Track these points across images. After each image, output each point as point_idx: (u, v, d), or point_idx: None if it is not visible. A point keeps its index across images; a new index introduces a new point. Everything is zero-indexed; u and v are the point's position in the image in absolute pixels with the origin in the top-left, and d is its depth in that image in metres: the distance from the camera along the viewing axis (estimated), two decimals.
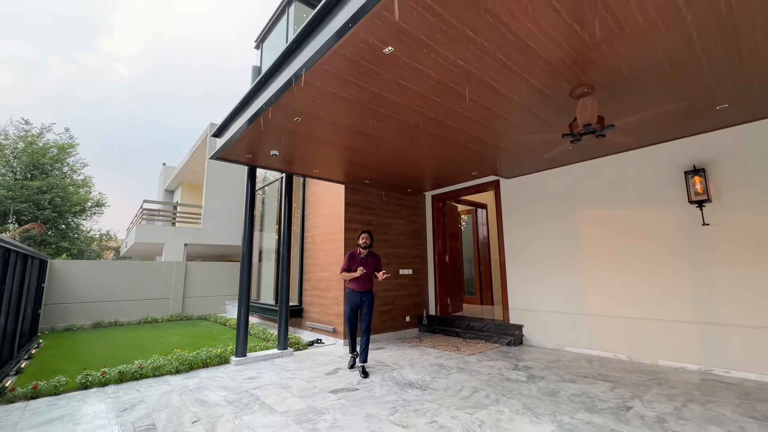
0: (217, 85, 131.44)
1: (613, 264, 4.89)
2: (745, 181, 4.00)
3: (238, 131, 4.11)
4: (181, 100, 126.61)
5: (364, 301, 4.42)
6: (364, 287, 4.43)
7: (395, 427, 2.79)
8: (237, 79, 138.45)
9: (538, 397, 3.37)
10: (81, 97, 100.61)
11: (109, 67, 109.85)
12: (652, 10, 2.23)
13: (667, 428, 2.68)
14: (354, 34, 2.42)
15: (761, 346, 3.76)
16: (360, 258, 4.49)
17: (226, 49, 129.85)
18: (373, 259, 4.55)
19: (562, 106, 3.45)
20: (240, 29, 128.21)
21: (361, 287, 4.42)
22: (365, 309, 4.42)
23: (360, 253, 4.53)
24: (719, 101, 3.47)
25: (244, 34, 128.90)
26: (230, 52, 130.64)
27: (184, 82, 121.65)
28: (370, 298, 4.46)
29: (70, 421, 3.04)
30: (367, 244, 4.51)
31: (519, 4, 2.17)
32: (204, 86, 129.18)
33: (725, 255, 4.06)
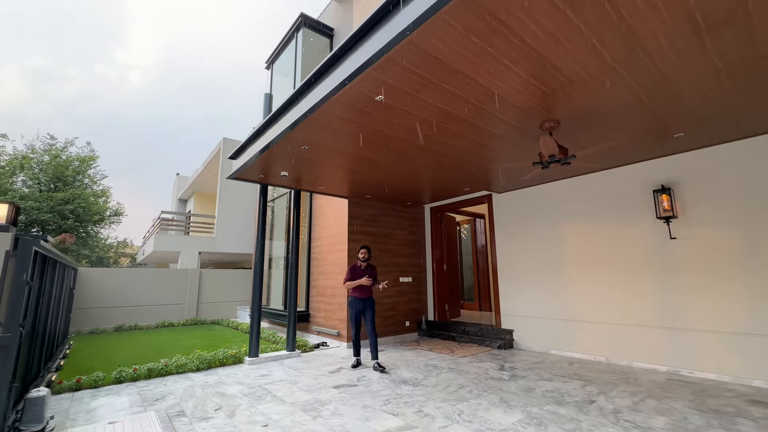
0: (228, 93, 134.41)
1: (593, 273, 5.33)
2: (707, 200, 4.43)
3: (252, 158, 4.68)
4: (192, 108, 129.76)
5: (366, 307, 5.05)
6: (366, 294, 5.09)
7: (387, 415, 3.27)
8: (247, 86, 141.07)
9: (515, 393, 3.82)
10: (96, 107, 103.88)
11: (123, 78, 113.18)
12: (593, 68, 2.73)
13: (620, 417, 3.12)
14: (350, 87, 2.96)
15: (721, 349, 4.16)
16: (360, 270, 5.15)
17: (237, 58, 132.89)
18: (373, 271, 5.24)
19: (534, 135, 3.94)
20: (251, 39, 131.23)
21: (364, 294, 5.08)
22: (368, 313, 5.04)
23: (360, 266, 5.19)
24: (675, 131, 3.94)
25: (255, 43, 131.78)
26: (241, 62, 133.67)
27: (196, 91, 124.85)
28: (371, 304, 5.11)
29: (111, 408, 3.58)
30: (366, 258, 5.20)
31: (482, 66, 2.69)
32: (215, 95, 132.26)
33: (690, 266, 4.47)
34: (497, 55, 2.55)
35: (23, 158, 14.79)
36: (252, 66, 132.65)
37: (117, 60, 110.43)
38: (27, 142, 15.41)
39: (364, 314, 5.07)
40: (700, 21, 2.23)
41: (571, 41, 2.40)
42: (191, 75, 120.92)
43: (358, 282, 4.99)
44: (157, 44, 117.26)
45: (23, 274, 2.90)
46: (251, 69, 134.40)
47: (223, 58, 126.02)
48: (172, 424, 3.16)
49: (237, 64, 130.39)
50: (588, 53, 2.53)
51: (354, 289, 5.08)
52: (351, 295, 5.14)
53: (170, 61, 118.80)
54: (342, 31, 9.28)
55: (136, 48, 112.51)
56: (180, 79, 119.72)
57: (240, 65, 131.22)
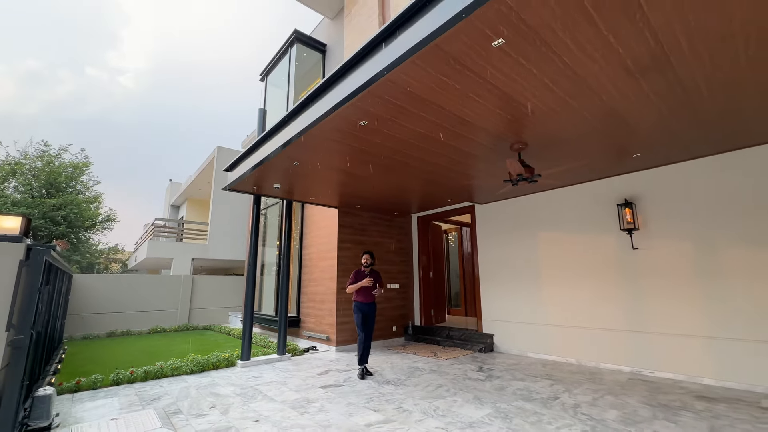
0: (221, 99, 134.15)
1: (566, 281, 5.71)
2: (665, 214, 4.85)
3: (246, 171, 4.99)
4: (184, 113, 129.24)
5: (371, 311, 5.14)
6: (370, 299, 5.14)
7: (368, 411, 3.58)
8: (241, 93, 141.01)
9: (488, 391, 4.15)
10: (86, 110, 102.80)
11: (114, 80, 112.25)
12: (548, 101, 3.11)
13: (578, 411, 3.47)
14: (336, 114, 3.30)
15: (678, 351, 4.55)
16: (365, 275, 5.21)
17: (231, 65, 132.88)
18: (376, 275, 5.28)
19: (506, 155, 4.32)
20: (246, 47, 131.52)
21: (368, 299, 5.13)
22: (372, 319, 5.15)
23: (364, 271, 5.24)
24: (632, 152, 4.36)
25: (250, 51, 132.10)
26: (235, 68, 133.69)
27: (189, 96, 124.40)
28: (374, 309, 5.22)
29: (111, 408, 3.83)
30: (368, 263, 5.25)
31: (452, 99, 3.05)
32: (208, 100, 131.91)
33: (651, 274, 4.88)
34: (464, 91, 2.92)
35: (15, 164, 14.87)
36: (246, 72, 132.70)
37: (108, 62, 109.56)
38: (20, 148, 15.44)
39: (368, 318, 5.10)
40: (632, 66, 2.62)
41: (526, 81, 2.78)
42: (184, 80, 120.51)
43: (360, 284, 5.02)
44: (151, 48, 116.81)
45: (36, 281, 3.17)
46: (245, 75, 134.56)
47: (217, 63, 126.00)
48: (170, 420, 3.43)
49: (231, 70, 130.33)
50: (543, 90, 2.92)
51: (358, 294, 5.11)
52: (355, 299, 5.15)
53: (163, 65, 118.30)
54: (334, 47, 9.68)
55: (129, 51, 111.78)
56: (173, 83, 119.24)
57: (234, 71, 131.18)
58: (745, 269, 4.19)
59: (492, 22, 2.17)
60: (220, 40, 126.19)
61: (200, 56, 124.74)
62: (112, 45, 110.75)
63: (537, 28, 2.23)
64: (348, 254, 7.18)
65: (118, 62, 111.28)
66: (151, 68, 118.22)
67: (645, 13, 2.12)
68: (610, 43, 2.36)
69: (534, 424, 3.19)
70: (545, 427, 3.11)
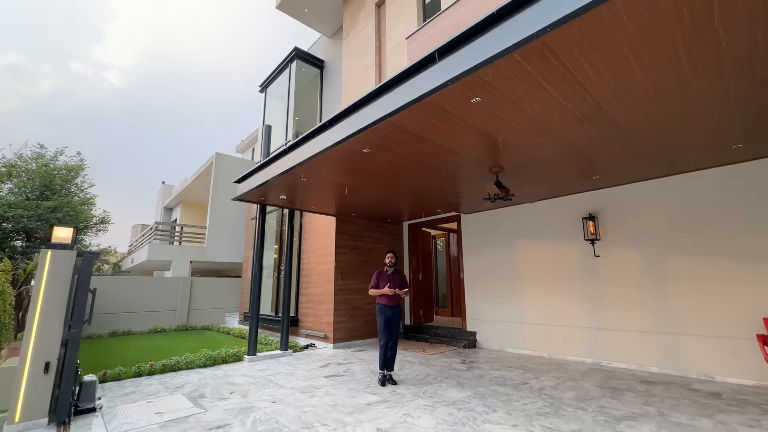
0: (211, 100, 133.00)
1: (539, 283, 6.46)
2: (621, 226, 5.64)
3: (256, 187, 5.58)
4: (173, 112, 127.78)
5: (395, 314, 4.85)
6: (394, 302, 4.88)
7: (368, 394, 4.22)
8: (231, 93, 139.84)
9: (469, 379, 4.83)
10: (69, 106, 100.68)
11: (100, 76, 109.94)
12: (517, 137, 3.82)
13: (542, 392, 4.18)
14: (343, 145, 3.95)
15: (630, 344, 5.32)
16: (387, 275, 4.97)
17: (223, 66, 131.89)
18: (400, 275, 5.04)
19: (486, 176, 5.03)
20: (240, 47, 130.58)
21: (392, 302, 4.86)
22: (396, 322, 4.86)
23: (387, 271, 5.02)
24: (592, 175, 5.13)
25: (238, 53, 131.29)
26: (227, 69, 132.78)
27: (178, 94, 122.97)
28: (398, 313, 4.92)
29: (142, 394, 4.37)
30: (393, 263, 5.03)
31: (441, 134, 3.74)
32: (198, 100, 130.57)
33: (609, 278, 5.66)
34: (451, 130, 3.61)
35: (11, 166, 15.01)
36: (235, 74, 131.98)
37: (94, 58, 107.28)
38: (15, 150, 15.59)
39: (392, 322, 4.82)
40: (580, 117, 3.35)
41: (499, 124, 3.48)
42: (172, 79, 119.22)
43: (380, 292, 4.83)
44: (140, 44, 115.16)
45: (87, 283, 3.72)
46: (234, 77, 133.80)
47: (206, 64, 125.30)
48: (199, 402, 4.00)
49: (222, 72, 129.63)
50: (512, 131, 3.62)
51: (381, 296, 4.87)
52: (378, 302, 4.90)
53: (152, 62, 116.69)
54: (332, 63, 10.33)
55: (116, 47, 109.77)
56: (162, 81, 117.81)
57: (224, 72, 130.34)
58: (686, 275, 4.98)
59: (471, 87, 2.85)
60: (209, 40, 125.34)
61: (188, 56, 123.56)
62: (97, 40, 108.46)
63: (505, 92, 2.93)
64: (345, 258, 7.81)
65: (104, 58, 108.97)
66: (137, 65, 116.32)
67: (582, 83, 2.83)
68: (561, 102, 3.07)
69: (505, 402, 3.89)
70: (513, 404, 3.80)
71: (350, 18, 8.75)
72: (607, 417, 3.40)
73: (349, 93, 8.34)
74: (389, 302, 4.85)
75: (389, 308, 4.84)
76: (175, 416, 3.56)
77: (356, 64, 8.30)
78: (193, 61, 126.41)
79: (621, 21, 2.16)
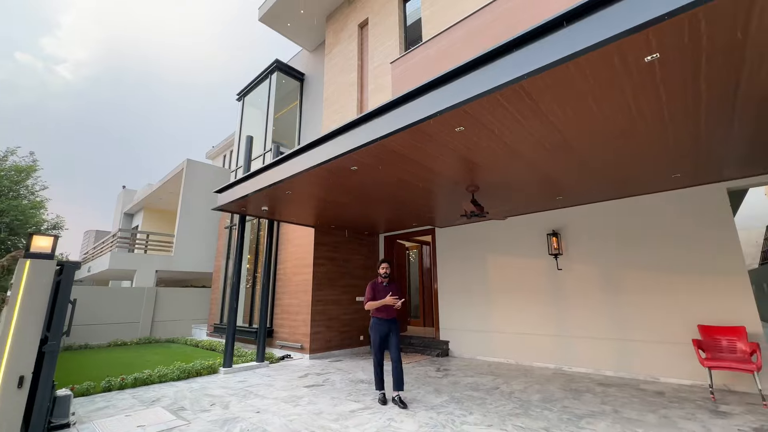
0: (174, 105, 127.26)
1: (507, 295, 6.91)
2: (581, 242, 6.22)
3: (241, 197, 5.63)
4: (133, 114, 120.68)
5: (392, 329, 4.45)
6: (391, 315, 4.48)
7: (350, 402, 4.37)
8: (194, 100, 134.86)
9: (445, 385, 5.10)
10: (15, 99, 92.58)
11: (50, 70, 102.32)
12: (492, 159, 4.23)
13: (512, 395, 4.52)
14: (334, 162, 4.17)
15: (588, 350, 5.84)
16: (382, 287, 4.58)
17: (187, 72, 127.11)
18: (395, 287, 4.63)
19: (463, 194, 5.42)
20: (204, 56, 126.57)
21: (389, 315, 4.46)
22: (393, 337, 4.43)
23: (382, 282, 4.63)
24: (556, 196, 5.66)
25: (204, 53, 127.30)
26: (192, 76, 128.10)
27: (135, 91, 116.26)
28: (397, 326, 4.49)
29: (116, 408, 4.24)
30: (387, 273, 4.64)
31: (424, 156, 4.05)
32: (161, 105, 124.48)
33: (570, 289, 6.19)
34: (433, 153, 3.94)
35: None
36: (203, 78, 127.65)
37: (45, 50, 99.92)
38: None
39: (389, 339, 4.43)
40: (548, 147, 3.80)
41: (477, 149, 3.85)
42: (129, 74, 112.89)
43: (382, 302, 4.38)
44: (95, 38, 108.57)
45: (67, 294, 3.63)
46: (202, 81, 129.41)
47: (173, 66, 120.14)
48: (179, 414, 3.97)
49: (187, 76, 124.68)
50: (489, 155, 4.01)
51: (377, 310, 4.46)
52: (374, 315, 4.49)
53: (109, 57, 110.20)
54: (312, 76, 10.54)
55: (70, 39, 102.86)
56: (117, 77, 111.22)
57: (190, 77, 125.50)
58: (634, 287, 5.59)
59: (456, 118, 3.19)
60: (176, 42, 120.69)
61: (152, 56, 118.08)
62: (49, 31, 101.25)
63: (486, 123, 3.30)
64: (323, 269, 7.91)
65: (55, 50, 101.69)
66: (92, 60, 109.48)
67: (551, 120, 3.26)
68: (533, 134, 3.49)
69: (479, 405, 4.18)
70: (487, 406, 4.11)
71: (333, 35, 9.04)
72: (570, 415, 3.78)
73: (331, 107, 8.57)
74: (387, 315, 4.46)
75: (386, 323, 4.44)
76: (158, 429, 3.53)
77: (338, 80, 8.57)
78: (156, 62, 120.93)
79: (585, 75, 2.57)
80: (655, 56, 2.37)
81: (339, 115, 8.42)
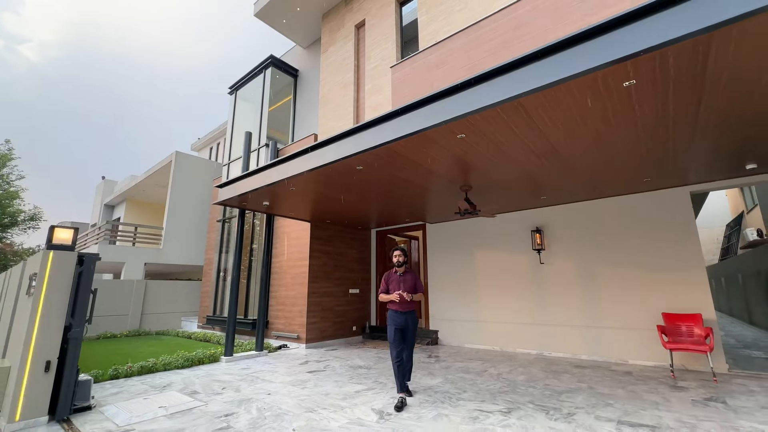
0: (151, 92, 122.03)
1: (493, 287, 7.41)
2: (562, 238, 6.76)
3: (242, 193, 5.83)
4: (106, 99, 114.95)
5: (408, 322, 4.16)
6: (407, 307, 4.19)
7: (353, 384, 4.73)
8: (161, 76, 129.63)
9: (438, 369, 5.54)
10: None
11: (12, 50, 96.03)
12: (485, 162, 4.63)
13: (500, 376, 5.00)
14: (339, 164, 4.46)
15: (566, 337, 6.40)
16: (396, 277, 4.29)
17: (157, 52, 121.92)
18: (411, 276, 4.31)
19: (456, 193, 5.82)
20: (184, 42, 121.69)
21: (405, 307, 4.18)
22: (409, 332, 4.17)
23: (396, 272, 4.33)
24: (540, 195, 6.15)
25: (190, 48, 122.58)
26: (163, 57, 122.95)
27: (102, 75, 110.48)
28: (414, 319, 4.19)
29: (130, 393, 4.45)
30: (401, 262, 4.31)
31: (424, 157, 4.41)
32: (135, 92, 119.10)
33: (551, 282, 6.74)
34: (434, 155, 4.30)
35: None
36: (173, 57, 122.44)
37: (4, 27, 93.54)
38: None
39: (405, 332, 4.16)
40: (538, 152, 4.23)
41: (475, 153, 4.24)
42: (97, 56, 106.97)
43: (388, 298, 4.16)
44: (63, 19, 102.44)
45: (89, 283, 3.81)
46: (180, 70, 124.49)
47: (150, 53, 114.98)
48: (195, 397, 4.22)
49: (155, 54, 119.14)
50: (484, 159, 4.41)
51: (391, 302, 4.20)
52: (389, 308, 4.23)
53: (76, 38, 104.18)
54: (306, 73, 10.69)
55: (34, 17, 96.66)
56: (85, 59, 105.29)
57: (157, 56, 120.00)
58: (607, 279, 6.17)
59: (459, 127, 3.56)
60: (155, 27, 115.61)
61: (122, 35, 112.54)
62: (8, 6, 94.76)
63: (484, 132, 3.68)
64: (318, 262, 8.20)
65: (18, 29, 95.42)
66: (59, 42, 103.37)
67: (542, 130, 3.67)
68: (525, 142, 3.91)
69: (471, 385, 4.63)
70: (479, 386, 4.56)
71: (329, 35, 9.22)
72: (551, 392, 4.27)
73: (327, 106, 8.79)
74: (401, 308, 4.15)
75: (401, 315, 4.15)
76: (179, 409, 3.79)
77: (334, 79, 8.79)
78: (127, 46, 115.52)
79: (574, 94, 2.98)
80: (632, 82, 2.81)
81: (335, 114, 8.67)
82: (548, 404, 3.83)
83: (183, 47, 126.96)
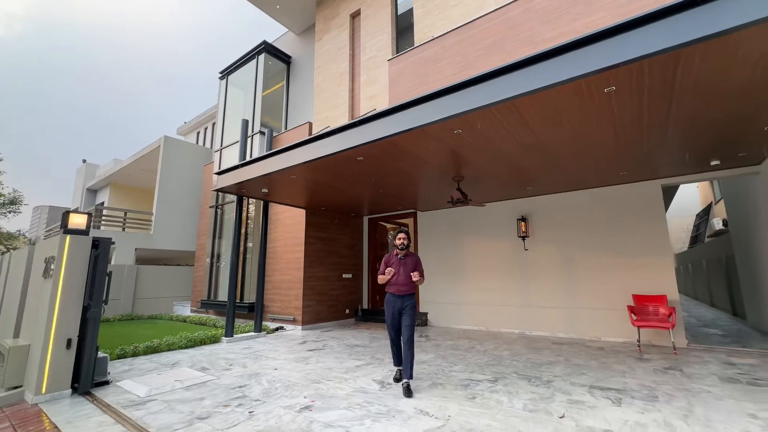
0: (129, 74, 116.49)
1: (480, 272, 7.88)
2: (545, 226, 7.23)
3: (243, 180, 6.00)
4: (70, 73, 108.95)
5: (405, 306, 3.99)
6: (404, 290, 4.03)
7: (353, 360, 5.10)
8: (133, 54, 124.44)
9: (430, 347, 5.97)
10: None
11: None
12: (479, 156, 4.97)
13: (486, 353, 5.46)
14: (341, 155, 4.71)
15: (547, 317, 6.94)
16: (397, 260, 4.16)
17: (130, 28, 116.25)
18: (412, 259, 4.17)
19: (449, 183, 6.16)
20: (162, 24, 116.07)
21: (402, 290, 4.02)
22: (406, 316, 3.96)
23: (396, 254, 4.20)
24: (527, 186, 6.56)
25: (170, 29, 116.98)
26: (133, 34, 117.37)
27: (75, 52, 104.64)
28: (412, 303, 4.01)
29: (141, 370, 4.69)
30: (404, 245, 4.18)
31: (421, 150, 4.71)
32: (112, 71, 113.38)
33: (534, 267, 7.23)
34: (431, 147, 4.60)
35: None
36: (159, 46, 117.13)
37: None
38: None
39: (402, 316, 3.99)
40: (525, 147, 4.58)
41: (468, 147, 4.56)
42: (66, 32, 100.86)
43: (384, 279, 4.07)
44: None
45: (105, 266, 4.00)
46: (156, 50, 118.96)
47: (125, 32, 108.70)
48: (206, 372, 4.51)
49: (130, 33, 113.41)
50: (476, 152, 4.74)
51: (389, 285, 4.09)
52: (387, 291, 4.14)
53: (45, 13, 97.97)
54: (299, 60, 10.70)
55: None
56: (52, 33, 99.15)
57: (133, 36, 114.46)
58: (583, 264, 6.69)
59: (455, 123, 3.86)
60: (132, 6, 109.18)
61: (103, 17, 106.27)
62: None
63: (479, 128, 3.99)
64: (313, 248, 8.46)
65: None
66: (28, 15, 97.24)
67: (531, 128, 4.01)
68: (515, 137, 4.24)
69: (461, 359, 5.07)
70: (468, 360, 5.01)
71: (323, 23, 9.26)
72: (533, 364, 4.75)
73: (322, 94, 8.90)
74: (397, 291, 4.03)
75: (398, 298, 4.02)
76: (194, 382, 4.07)
77: (329, 67, 8.89)
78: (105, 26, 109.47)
79: (562, 97, 3.32)
80: (612, 88, 3.16)
81: (331, 103, 8.80)
82: (530, 374, 4.30)
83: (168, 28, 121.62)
